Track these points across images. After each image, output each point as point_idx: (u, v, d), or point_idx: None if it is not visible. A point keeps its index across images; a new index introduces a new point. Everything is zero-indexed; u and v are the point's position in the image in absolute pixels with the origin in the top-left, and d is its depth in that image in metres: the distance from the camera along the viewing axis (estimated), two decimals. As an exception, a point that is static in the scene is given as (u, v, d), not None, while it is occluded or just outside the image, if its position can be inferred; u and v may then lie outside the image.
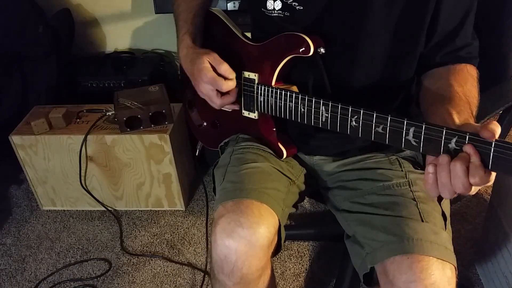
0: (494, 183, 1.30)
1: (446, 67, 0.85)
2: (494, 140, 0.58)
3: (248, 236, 0.80)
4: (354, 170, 0.96)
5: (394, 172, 0.91)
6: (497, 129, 0.59)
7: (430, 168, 0.65)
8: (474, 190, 0.62)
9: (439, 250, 0.75)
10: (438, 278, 0.72)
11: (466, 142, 0.61)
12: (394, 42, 0.85)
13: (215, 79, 0.89)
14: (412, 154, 0.98)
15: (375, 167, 0.94)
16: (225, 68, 0.89)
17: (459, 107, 0.74)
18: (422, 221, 0.80)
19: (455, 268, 0.76)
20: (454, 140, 0.63)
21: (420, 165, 0.97)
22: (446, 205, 0.88)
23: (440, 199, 0.87)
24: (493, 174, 0.60)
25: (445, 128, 0.64)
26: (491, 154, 0.59)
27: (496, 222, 1.25)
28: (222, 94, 0.91)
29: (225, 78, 0.89)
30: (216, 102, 0.92)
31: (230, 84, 0.90)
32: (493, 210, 1.28)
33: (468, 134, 0.61)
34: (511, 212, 1.18)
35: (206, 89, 0.91)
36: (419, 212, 0.81)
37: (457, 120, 0.70)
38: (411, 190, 0.86)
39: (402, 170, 0.92)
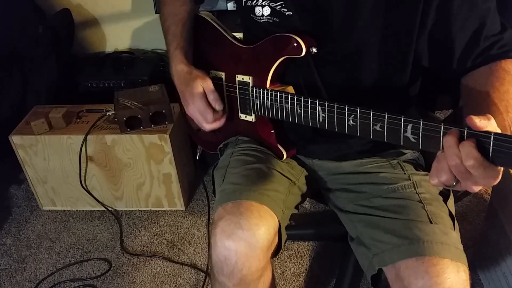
0: (494, 183, 1.29)
1: (479, 70, 0.80)
2: (493, 133, 0.57)
3: (248, 238, 0.80)
4: (357, 174, 0.96)
5: (397, 175, 0.91)
6: (483, 125, 0.58)
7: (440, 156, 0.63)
8: (478, 184, 0.60)
9: (450, 250, 0.76)
10: (454, 281, 0.73)
11: (465, 137, 0.60)
12: (384, 46, 0.84)
13: (204, 110, 0.93)
14: (413, 156, 0.98)
15: (377, 171, 0.94)
16: (214, 97, 0.93)
17: (492, 111, 0.70)
18: (431, 222, 0.80)
19: (467, 268, 0.76)
20: None
21: (422, 167, 0.96)
22: (451, 204, 0.88)
23: (445, 199, 0.87)
24: (500, 169, 0.59)
25: (442, 124, 0.63)
26: (491, 147, 0.58)
27: (496, 222, 1.25)
28: None
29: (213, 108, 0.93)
30: (204, 126, 0.97)
31: (217, 116, 0.94)
32: (493, 210, 1.28)
33: (466, 128, 0.60)
34: (511, 212, 1.18)
35: (194, 113, 0.96)
36: (427, 214, 0.81)
37: None
38: (416, 192, 0.86)
39: (405, 173, 0.92)
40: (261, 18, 0.89)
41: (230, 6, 1.76)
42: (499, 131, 0.59)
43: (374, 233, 0.84)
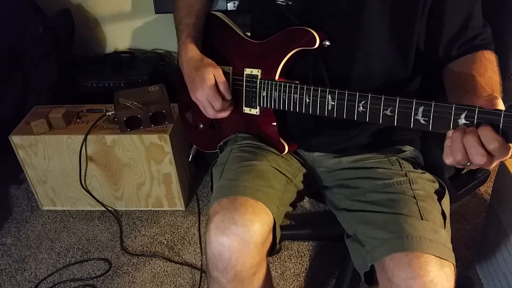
0: (494, 183, 1.30)
1: (463, 58, 0.86)
2: (503, 111, 0.60)
3: (242, 234, 0.80)
4: (354, 169, 0.97)
5: (394, 171, 0.92)
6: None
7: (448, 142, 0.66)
8: (494, 162, 0.63)
9: (438, 248, 0.76)
10: (437, 275, 0.73)
11: (476, 116, 0.62)
12: (389, 36, 0.86)
13: (214, 96, 0.94)
14: (412, 155, 0.98)
15: (375, 166, 0.94)
16: (224, 87, 0.95)
17: (480, 93, 0.75)
18: (422, 219, 0.80)
19: (454, 266, 0.76)
20: (463, 115, 0.64)
21: (420, 166, 0.97)
22: (446, 204, 0.88)
23: (440, 198, 0.88)
24: (510, 147, 0.62)
25: (454, 104, 0.65)
26: (501, 124, 0.60)
27: (496, 222, 1.25)
28: None
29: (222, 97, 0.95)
30: (209, 113, 0.97)
31: (225, 106, 0.95)
32: (493, 210, 1.28)
33: (477, 107, 0.62)
34: (511, 212, 1.18)
35: (203, 98, 0.96)
36: (419, 210, 0.81)
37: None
38: (411, 188, 0.87)
39: (402, 170, 0.92)
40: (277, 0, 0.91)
41: (230, 6, 1.76)
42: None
43: (367, 230, 0.84)
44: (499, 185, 1.27)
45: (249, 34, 1.03)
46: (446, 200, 0.89)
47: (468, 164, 0.64)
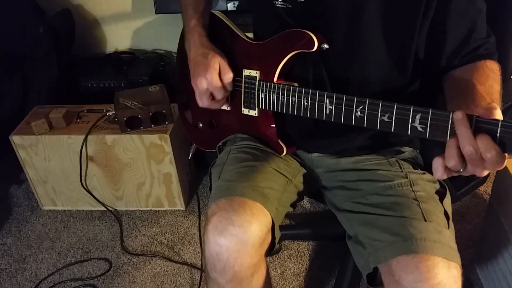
0: (493, 183, 1.30)
1: (465, 66, 0.85)
2: (500, 121, 0.59)
3: (239, 234, 0.80)
4: (354, 171, 0.97)
5: (394, 173, 0.92)
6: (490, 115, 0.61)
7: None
8: (485, 170, 0.63)
9: (443, 249, 0.76)
10: (445, 277, 0.73)
11: (473, 125, 0.62)
12: (386, 44, 0.85)
13: (216, 86, 0.93)
14: (411, 155, 0.98)
15: (375, 168, 0.94)
16: (228, 77, 0.94)
17: (479, 101, 0.74)
18: (425, 220, 0.80)
19: (460, 267, 0.76)
20: None
21: (420, 166, 0.97)
22: (447, 204, 0.88)
23: (441, 198, 0.88)
24: (506, 157, 0.61)
25: (451, 112, 0.64)
26: (498, 134, 0.60)
27: (496, 222, 1.26)
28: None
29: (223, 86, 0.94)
30: (204, 101, 0.96)
31: (224, 95, 0.95)
32: (493, 210, 1.28)
33: (475, 116, 0.62)
34: (511, 212, 1.18)
35: (203, 86, 0.94)
36: (422, 212, 0.81)
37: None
38: (412, 190, 0.87)
39: (402, 171, 0.92)
40: (277, 2, 0.91)
41: (230, 6, 1.76)
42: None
43: (369, 231, 0.84)
44: (498, 185, 1.27)
45: (249, 34, 1.03)
46: (447, 200, 0.89)
47: (461, 170, 0.63)
